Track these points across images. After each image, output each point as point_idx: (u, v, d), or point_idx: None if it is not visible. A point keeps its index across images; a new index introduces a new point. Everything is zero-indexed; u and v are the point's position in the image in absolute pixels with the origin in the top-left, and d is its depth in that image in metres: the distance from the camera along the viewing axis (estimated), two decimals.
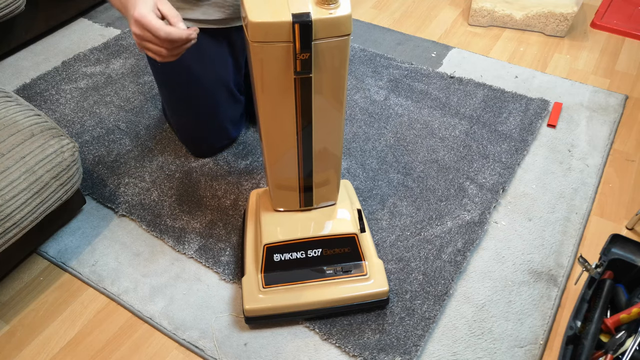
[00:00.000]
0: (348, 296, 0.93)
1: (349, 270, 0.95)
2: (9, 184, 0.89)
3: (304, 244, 0.93)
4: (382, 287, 0.94)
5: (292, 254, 0.94)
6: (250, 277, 0.95)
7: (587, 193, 1.18)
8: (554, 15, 1.62)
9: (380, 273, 0.95)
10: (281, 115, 0.82)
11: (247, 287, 0.94)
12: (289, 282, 0.94)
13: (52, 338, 0.97)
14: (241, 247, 1.04)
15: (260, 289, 0.93)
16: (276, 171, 0.89)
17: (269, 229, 0.94)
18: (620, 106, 1.40)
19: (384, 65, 1.53)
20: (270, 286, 0.93)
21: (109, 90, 1.46)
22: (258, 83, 0.78)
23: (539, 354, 0.92)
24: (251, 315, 0.93)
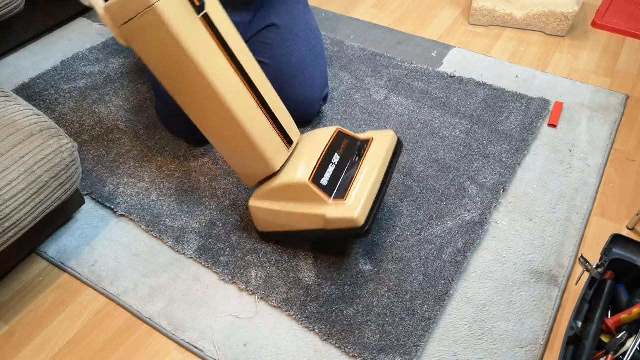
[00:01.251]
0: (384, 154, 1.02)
1: (363, 148, 1.03)
2: (8, 184, 0.88)
3: (324, 159, 0.98)
4: (390, 135, 1.04)
5: (328, 171, 0.97)
6: (330, 208, 0.94)
7: (588, 193, 1.18)
8: (555, 14, 1.61)
9: (377, 133, 1.06)
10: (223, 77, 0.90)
11: (339, 213, 0.92)
12: (350, 184, 0.97)
13: (51, 338, 0.97)
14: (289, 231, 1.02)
15: (345, 204, 0.93)
16: (253, 127, 0.94)
17: (296, 173, 0.96)
18: (621, 106, 1.40)
19: (384, 65, 1.53)
20: (346, 196, 0.94)
21: (108, 90, 1.46)
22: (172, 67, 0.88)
23: (540, 354, 0.92)
24: (364, 219, 0.92)
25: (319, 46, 1.32)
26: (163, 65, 0.89)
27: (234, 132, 0.94)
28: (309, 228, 0.98)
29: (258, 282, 1.02)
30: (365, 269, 1.04)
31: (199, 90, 0.90)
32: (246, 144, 0.95)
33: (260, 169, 0.98)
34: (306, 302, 0.99)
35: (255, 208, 1.02)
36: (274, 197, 0.99)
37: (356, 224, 0.91)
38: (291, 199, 0.97)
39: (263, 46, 1.27)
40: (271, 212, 1.00)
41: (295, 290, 1.01)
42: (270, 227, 1.04)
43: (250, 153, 0.96)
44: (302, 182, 0.94)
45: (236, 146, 0.97)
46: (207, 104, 0.92)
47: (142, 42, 0.87)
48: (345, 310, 0.97)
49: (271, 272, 1.03)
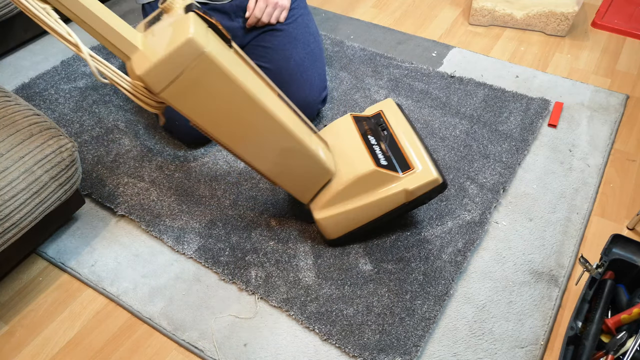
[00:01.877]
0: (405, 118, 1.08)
1: (381, 121, 1.07)
2: (7, 184, 0.88)
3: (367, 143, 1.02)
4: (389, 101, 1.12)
5: (380, 151, 1.00)
6: (406, 182, 0.98)
7: (588, 193, 1.18)
8: (555, 14, 1.61)
9: (379, 104, 1.12)
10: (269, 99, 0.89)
11: (417, 181, 0.97)
12: (404, 151, 1.02)
13: (51, 338, 0.97)
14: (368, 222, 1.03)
15: (415, 171, 0.98)
16: (305, 138, 0.95)
17: (359, 166, 0.97)
18: (621, 106, 1.40)
19: (384, 65, 1.53)
20: (410, 165, 1.00)
21: (108, 90, 1.46)
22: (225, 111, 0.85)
23: (540, 354, 0.92)
24: (441, 175, 0.99)
25: (317, 49, 1.32)
26: (212, 108, 0.84)
27: (293, 150, 0.93)
28: (389, 209, 1.00)
29: (258, 282, 1.02)
30: (365, 269, 1.04)
31: (255, 120, 0.87)
32: (306, 157, 0.95)
33: (320, 177, 0.99)
34: (306, 302, 0.99)
35: (324, 219, 1.01)
36: (343, 199, 0.99)
37: (438, 182, 0.98)
38: (363, 192, 0.99)
39: (263, 50, 1.27)
40: (344, 214, 1.00)
41: (295, 290, 1.01)
42: (343, 229, 1.03)
43: (309, 165, 0.96)
44: (371, 170, 0.96)
45: (295, 164, 0.96)
46: (265, 131, 0.89)
47: (190, 94, 0.81)
48: (345, 310, 0.97)
49: (271, 272, 1.03)
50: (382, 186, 0.98)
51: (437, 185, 0.98)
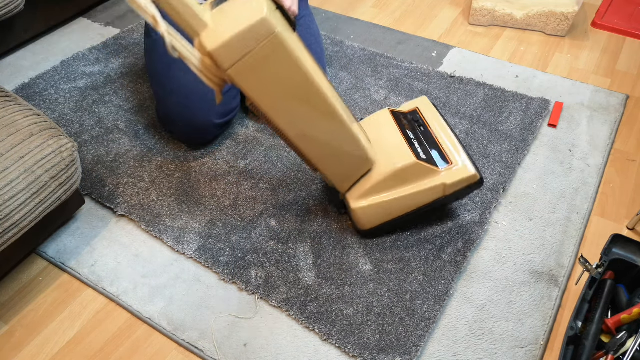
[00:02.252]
0: (438, 114, 1.11)
1: (417, 117, 1.10)
2: (7, 184, 0.88)
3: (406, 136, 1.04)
4: (424, 99, 1.13)
5: (420, 146, 1.03)
6: (444, 176, 1.00)
7: (588, 193, 1.18)
8: (555, 14, 1.61)
9: (415, 101, 1.13)
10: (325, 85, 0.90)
11: (455, 176, 1.00)
12: (441, 147, 1.05)
13: (51, 338, 0.97)
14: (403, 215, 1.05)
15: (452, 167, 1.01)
16: (352, 125, 0.96)
17: (399, 158, 0.99)
18: (621, 106, 1.40)
19: (384, 65, 1.53)
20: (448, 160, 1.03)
21: (108, 90, 1.46)
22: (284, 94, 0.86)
23: (540, 354, 0.92)
24: (478, 171, 1.01)
25: (319, 50, 1.32)
26: (274, 89, 0.86)
27: (341, 136, 0.96)
28: (426, 202, 1.02)
29: (258, 282, 1.02)
30: (365, 269, 1.04)
31: (313, 104, 0.90)
32: (351, 144, 0.97)
33: (362, 166, 1.01)
34: (306, 302, 0.99)
35: (362, 208, 1.02)
36: (381, 190, 1.01)
37: (475, 179, 1.01)
38: (402, 184, 1.00)
39: None
40: (382, 204, 1.02)
41: (295, 290, 1.01)
42: (379, 220, 1.05)
43: (354, 153, 0.98)
44: (412, 163, 0.98)
45: (342, 150, 0.97)
46: (319, 115, 0.91)
47: (256, 72, 0.83)
48: (345, 310, 0.97)
49: (271, 272, 1.03)
50: (421, 179, 1.00)
51: (474, 182, 1.01)
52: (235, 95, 1.28)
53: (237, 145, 1.30)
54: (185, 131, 1.24)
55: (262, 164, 1.25)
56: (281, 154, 1.27)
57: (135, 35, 1.67)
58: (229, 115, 1.26)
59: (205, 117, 1.21)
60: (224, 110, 1.24)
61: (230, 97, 1.26)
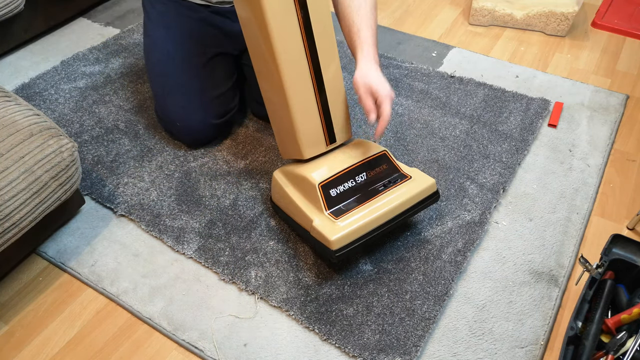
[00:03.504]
0: (408, 198, 0.99)
1: (395, 181, 1.02)
2: (8, 184, 0.88)
3: (349, 172, 1.00)
4: (429, 181, 1.02)
5: (344, 185, 0.99)
6: (321, 219, 0.96)
7: (588, 193, 1.18)
8: (555, 14, 1.61)
9: (419, 173, 1.04)
10: (292, 50, 0.93)
11: (322, 227, 0.94)
12: (354, 208, 0.97)
13: (51, 338, 0.97)
14: (289, 215, 1.06)
15: (335, 223, 0.94)
16: (300, 112, 0.97)
17: (315, 172, 0.99)
18: (621, 106, 1.40)
19: (384, 65, 1.53)
20: (341, 216, 0.95)
21: (108, 90, 1.46)
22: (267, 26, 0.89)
23: (540, 354, 0.92)
24: (338, 246, 0.92)
25: None
26: (250, 29, 0.95)
27: (282, 106, 0.98)
28: (300, 223, 1.02)
29: (258, 282, 1.02)
30: (365, 269, 1.04)
31: (267, 59, 0.94)
32: (288, 120, 0.99)
33: (293, 148, 1.03)
34: (306, 302, 0.99)
35: (275, 179, 1.06)
36: (291, 180, 1.03)
37: (329, 245, 0.92)
38: (301, 191, 1.01)
39: None
40: (283, 190, 1.04)
41: (295, 290, 1.01)
42: (278, 202, 1.09)
43: (289, 130, 1.00)
44: (313, 182, 0.97)
45: (281, 118, 1.02)
46: (271, 69, 0.95)
47: (242, 4, 0.93)
48: (345, 310, 0.97)
49: (271, 272, 1.03)
50: (310, 203, 0.99)
51: (327, 246, 0.93)
52: (234, 96, 1.28)
53: (237, 145, 1.30)
54: (184, 131, 1.24)
55: (262, 164, 1.25)
56: None
57: (135, 35, 1.67)
58: (226, 116, 1.26)
59: (203, 117, 1.21)
60: (223, 110, 1.24)
61: (228, 97, 1.26)
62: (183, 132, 1.25)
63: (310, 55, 0.95)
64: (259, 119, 1.37)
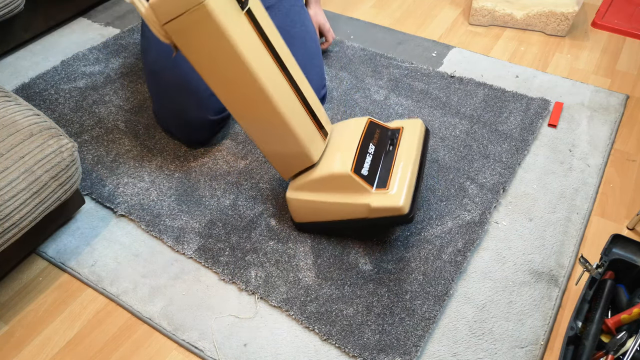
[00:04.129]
0: (417, 142, 1.06)
1: (395, 137, 1.07)
2: (7, 184, 0.88)
3: (361, 150, 1.01)
4: (418, 122, 1.09)
5: (366, 162, 1.00)
6: (373, 198, 0.97)
7: (588, 193, 1.18)
8: (555, 14, 1.61)
9: (405, 121, 1.10)
10: (265, 64, 0.91)
11: (383, 202, 0.96)
12: (389, 173, 1.00)
13: (51, 338, 0.97)
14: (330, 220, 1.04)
15: (388, 193, 0.97)
16: (294, 120, 0.96)
17: (336, 165, 0.98)
18: (621, 106, 1.40)
19: (384, 65, 1.53)
20: (387, 185, 0.98)
21: (108, 90, 1.46)
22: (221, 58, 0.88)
23: (540, 354, 0.92)
24: (408, 207, 0.96)
25: (314, 47, 1.31)
26: (207, 60, 0.90)
27: (275, 124, 0.95)
28: (351, 217, 1.00)
29: (258, 282, 1.02)
30: (365, 269, 1.04)
31: (244, 84, 0.91)
32: (287, 135, 0.97)
33: (300, 160, 1.00)
34: (306, 302, 0.99)
35: (293, 200, 1.03)
36: (314, 188, 1.01)
37: (401, 212, 0.95)
38: (332, 190, 0.99)
39: None
40: (310, 202, 1.02)
41: (295, 290, 1.01)
42: (308, 217, 1.05)
43: (290, 144, 0.98)
44: (345, 173, 0.96)
45: (277, 138, 0.98)
46: (251, 97, 0.92)
47: (188, 38, 0.87)
48: (345, 310, 0.97)
49: (271, 272, 1.03)
50: (351, 193, 0.98)
51: (399, 215, 0.95)
52: None
53: (237, 145, 1.30)
54: (182, 129, 1.24)
55: (262, 164, 1.25)
56: None
57: (135, 36, 1.67)
58: (224, 112, 1.26)
59: (200, 114, 1.21)
60: (219, 106, 1.24)
61: None
62: (181, 130, 1.25)
63: (277, 61, 0.94)
64: None
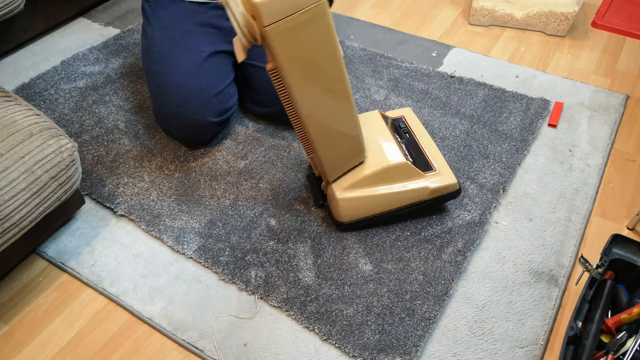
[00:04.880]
0: (422, 126, 1.17)
1: (404, 125, 1.16)
2: (7, 184, 0.88)
3: (396, 141, 1.08)
4: (408, 110, 1.19)
5: (406, 151, 1.08)
6: (429, 180, 1.06)
7: (588, 193, 1.18)
8: (555, 14, 1.61)
9: (398, 111, 1.19)
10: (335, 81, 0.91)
11: (439, 182, 1.06)
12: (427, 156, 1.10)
13: (51, 338, 0.97)
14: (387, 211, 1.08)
15: (437, 173, 1.07)
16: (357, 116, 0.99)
17: (389, 158, 1.03)
18: (621, 106, 1.40)
19: (384, 65, 1.53)
20: (432, 167, 1.08)
21: (108, 90, 1.46)
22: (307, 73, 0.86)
23: (540, 354, 0.92)
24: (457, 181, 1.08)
25: None
26: (304, 59, 0.85)
27: (348, 120, 0.97)
28: (409, 203, 1.07)
29: (258, 282, 1.02)
30: (365, 269, 1.04)
31: (335, 80, 0.90)
32: (354, 132, 0.99)
33: (356, 156, 1.03)
34: (306, 302, 0.99)
35: (346, 200, 1.04)
36: (368, 184, 1.04)
37: (455, 188, 1.07)
38: (389, 181, 1.04)
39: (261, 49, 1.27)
40: (367, 198, 1.04)
41: (295, 290, 1.01)
42: (360, 214, 1.07)
43: (353, 143, 1.00)
44: (402, 162, 1.02)
45: (344, 134, 0.99)
46: (336, 95, 0.92)
47: (292, 38, 0.82)
48: (345, 310, 0.97)
49: (271, 272, 1.03)
50: (408, 180, 1.04)
51: (454, 190, 1.07)
52: (232, 94, 1.28)
53: (237, 145, 1.30)
54: (183, 130, 1.24)
55: (262, 164, 1.25)
56: (281, 153, 1.27)
57: (135, 36, 1.67)
58: (226, 114, 1.26)
59: (201, 116, 1.21)
60: (221, 108, 1.24)
61: (227, 95, 1.26)
62: (181, 131, 1.25)
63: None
64: (258, 119, 1.37)
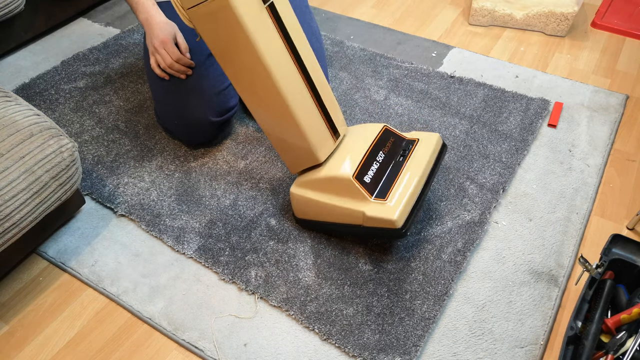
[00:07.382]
0: (429, 156, 1.04)
1: (408, 148, 1.06)
2: (8, 184, 0.88)
3: (369, 156, 1.01)
4: (435, 137, 1.07)
5: (371, 169, 1.00)
6: (371, 207, 0.96)
7: (587, 193, 1.18)
8: (555, 14, 1.61)
9: (422, 134, 1.08)
10: (281, 59, 0.91)
11: (378, 213, 0.95)
12: (392, 184, 0.99)
13: (51, 338, 0.97)
14: (327, 222, 1.04)
15: (385, 204, 0.96)
16: (304, 116, 0.96)
17: (341, 168, 0.98)
18: (620, 106, 1.40)
19: (384, 65, 1.53)
20: (387, 196, 0.97)
21: (108, 90, 1.46)
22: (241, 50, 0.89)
23: (540, 354, 0.92)
24: (402, 221, 0.95)
25: (319, 48, 1.32)
26: (224, 48, 0.91)
27: (284, 119, 0.96)
28: (346, 222, 1.01)
29: (258, 281, 1.02)
30: (365, 268, 1.04)
31: (257, 76, 0.92)
32: (295, 131, 0.97)
33: (306, 157, 1.01)
34: (306, 301, 0.99)
35: (296, 195, 1.04)
36: (316, 188, 1.02)
37: (395, 225, 0.94)
38: (333, 192, 1.00)
39: None
40: (311, 201, 1.03)
41: (295, 290, 1.01)
42: (307, 215, 1.06)
43: (297, 141, 0.99)
44: (346, 177, 0.97)
45: (285, 132, 0.99)
46: (263, 89, 0.94)
47: (208, 25, 0.89)
48: (345, 310, 0.97)
49: (271, 271, 1.04)
50: (350, 198, 0.99)
51: (392, 227, 0.94)
52: (234, 94, 1.28)
53: (237, 145, 1.30)
54: (183, 130, 1.24)
55: (262, 164, 1.25)
56: None
57: (135, 36, 1.67)
58: (226, 114, 1.26)
59: (202, 116, 1.21)
60: (222, 108, 1.24)
61: (228, 95, 1.26)
62: (182, 131, 1.25)
63: (295, 58, 0.95)
64: None
